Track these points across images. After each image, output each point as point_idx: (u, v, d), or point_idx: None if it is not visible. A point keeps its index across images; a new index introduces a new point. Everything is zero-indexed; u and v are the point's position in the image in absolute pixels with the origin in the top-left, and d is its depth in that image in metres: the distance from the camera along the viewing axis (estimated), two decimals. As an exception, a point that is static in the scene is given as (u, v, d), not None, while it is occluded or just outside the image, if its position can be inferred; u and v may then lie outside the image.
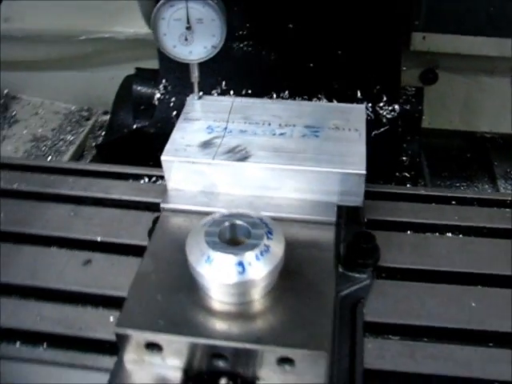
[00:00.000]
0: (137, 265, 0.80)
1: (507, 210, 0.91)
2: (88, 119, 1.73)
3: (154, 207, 0.91)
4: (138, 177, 1.00)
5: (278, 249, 0.57)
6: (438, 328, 0.74)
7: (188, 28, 0.69)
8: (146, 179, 0.99)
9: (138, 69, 1.32)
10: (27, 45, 1.57)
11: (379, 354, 0.72)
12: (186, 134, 0.73)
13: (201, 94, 0.81)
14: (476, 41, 1.19)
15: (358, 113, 0.75)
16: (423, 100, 1.18)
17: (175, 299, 0.59)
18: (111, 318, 0.75)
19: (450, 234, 0.87)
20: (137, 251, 0.83)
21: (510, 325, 0.74)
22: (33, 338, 0.75)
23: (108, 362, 0.69)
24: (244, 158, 0.68)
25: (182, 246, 0.60)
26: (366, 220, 0.88)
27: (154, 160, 1.13)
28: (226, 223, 0.59)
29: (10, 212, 0.94)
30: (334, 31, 1.02)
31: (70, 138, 1.66)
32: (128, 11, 1.42)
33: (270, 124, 0.74)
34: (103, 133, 1.75)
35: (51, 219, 0.92)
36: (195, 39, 0.70)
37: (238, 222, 0.60)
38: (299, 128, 0.73)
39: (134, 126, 1.27)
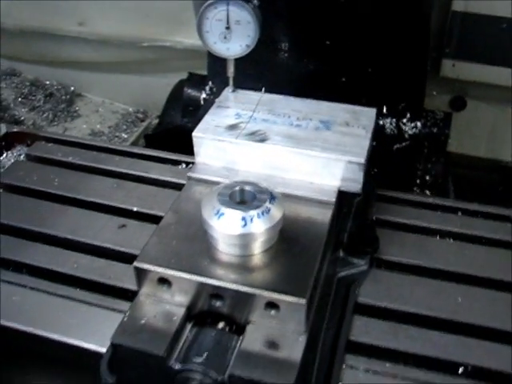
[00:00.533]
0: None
1: (509, 224, 0.97)
2: (143, 121, 1.85)
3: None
4: (176, 162, 1.11)
5: (277, 212, 0.67)
6: (423, 315, 0.81)
7: (227, 28, 0.81)
8: (184, 165, 1.10)
9: (190, 73, 1.42)
10: (96, 47, 1.72)
11: (365, 330, 0.79)
12: (217, 118, 0.84)
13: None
14: (504, 72, 1.24)
15: (368, 114, 0.85)
16: (450, 124, 1.24)
17: (188, 247, 0.70)
18: (136, 272, 0.86)
19: (449, 239, 0.94)
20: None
21: (490, 321, 0.80)
22: (69, 280, 0.86)
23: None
24: (262, 140, 0.79)
25: (200, 207, 0.71)
26: (374, 218, 0.97)
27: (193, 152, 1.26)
28: (237, 188, 0.70)
29: (63, 180, 1.07)
30: (366, 50, 1.11)
31: (124, 135, 1.78)
32: (188, 23, 1.53)
33: (289, 116, 0.84)
34: (155, 133, 1.89)
35: (96, 188, 1.04)
36: (233, 38, 0.82)
37: (247, 187, 0.70)
38: (314, 122, 0.83)
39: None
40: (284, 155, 0.77)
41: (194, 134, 0.81)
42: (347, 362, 0.75)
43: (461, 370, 0.75)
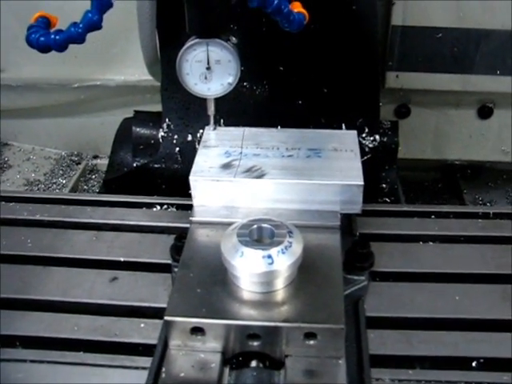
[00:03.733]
0: (159, 279, 0.91)
1: (479, 220, 1.04)
2: (79, 163, 1.81)
3: (167, 230, 1.02)
4: (150, 205, 1.10)
5: (298, 245, 0.69)
6: (428, 318, 0.86)
7: (208, 68, 0.82)
8: (158, 207, 1.10)
9: (136, 111, 1.41)
10: (22, 93, 1.65)
11: (381, 342, 0.82)
12: (208, 158, 0.85)
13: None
14: (443, 78, 1.33)
15: (351, 137, 0.89)
16: (398, 132, 1.30)
17: (212, 291, 0.70)
18: (142, 325, 0.85)
19: (431, 243, 1.00)
20: (158, 268, 0.94)
21: (490, 313, 0.86)
22: (72, 344, 0.83)
23: (144, 361, 0.78)
24: (261, 176, 0.80)
25: (213, 249, 0.71)
26: (358, 233, 1.00)
27: (159, 192, 1.25)
28: (254, 226, 0.71)
29: (37, 239, 1.03)
30: (320, 72, 1.16)
31: (62, 181, 1.73)
32: (118, 60, 1.54)
33: (278, 148, 0.86)
34: (94, 176, 1.85)
35: (75, 244, 1.01)
36: (214, 78, 0.83)
37: (264, 224, 0.71)
38: (304, 150, 0.86)
39: (134, 164, 1.37)
40: (285, 188, 0.80)
41: (190, 177, 0.81)
42: (373, 376, 0.77)
43: (474, 363, 0.80)
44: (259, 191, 0.80)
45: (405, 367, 0.79)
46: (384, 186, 1.33)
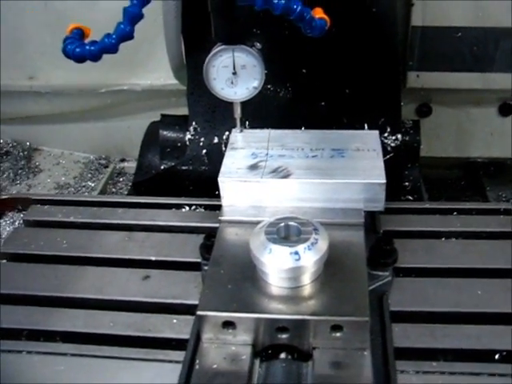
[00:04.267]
0: (190, 277, 0.95)
1: (501, 216, 1.06)
2: (106, 167, 1.86)
3: (196, 230, 1.05)
4: (179, 206, 1.14)
5: (323, 242, 0.72)
6: (451, 312, 0.88)
7: (234, 73, 0.86)
8: (187, 207, 1.13)
9: (163, 115, 1.44)
10: (51, 99, 1.70)
11: (405, 335, 0.85)
12: (235, 160, 0.88)
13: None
14: (463, 76, 1.34)
15: (373, 137, 0.92)
16: (420, 131, 1.32)
17: (242, 287, 0.73)
18: (174, 321, 0.88)
19: (453, 239, 1.02)
20: (188, 266, 0.97)
21: (510, 307, 0.88)
22: (108, 339, 0.87)
23: (178, 355, 0.81)
24: (286, 176, 0.84)
25: (241, 247, 0.75)
26: (382, 231, 1.03)
27: (187, 193, 1.29)
28: (281, 224, 0.74)
29: (71, 240, 1.07)
30: (342, 74, 1.19)
31: (91, 184, 1.78)
32: (144, 65, 1.57)
33: (303, 149, 0.90)
34: (121, 178, 1.89)
35: (108, 244, 1.05)
36: (239, 82, 0.86)
37: (291, 222, 0.75)
38: (327, 151, 0.89)
39: (162, 167, 1.41)
40: (310, 187, 0.83)
41: (219, 179, 0.85)
42: (398, 368, 0.80)
43: (497, 356, 0.82)
44: (285, 191, 0.83)
45: (428, 359, 0.81)
46: (407, 184, 1.35)
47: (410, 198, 1.33)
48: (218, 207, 0.94)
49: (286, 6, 0.71)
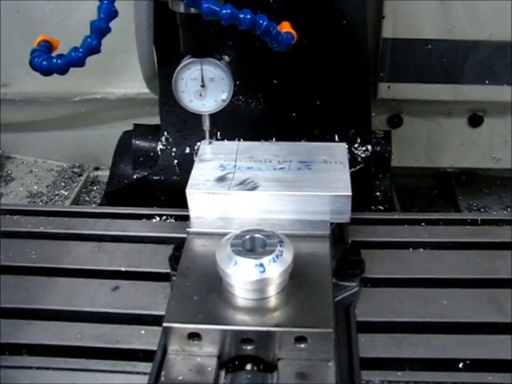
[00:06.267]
0: (159, 288, 0.95)
1: (467, 227, 1.08)
2: (80, 175, 1.84)
3: (166, 241, 1.05)
4: (149, 216, 1.14)
5: (288, 254, 0.73)
6: (418, 322, 0.89)
7: (202, 86, 0.86)
8: (158, 218, 1.13)
9: (136, 125, 1.44)
10: (23, 107, 1.68)
11: (371, 345, 0.86)
12: (204, 172, 0.89)
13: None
14: (434, 88, 1.36)
15: (340, 149, 0.93)
16: (391, 141, 1.34)
17: (208, 299, 0.74)
18: (143, 332, 0.88)
19: (421, 249, 1.03)
20: (157, 277, 0.97)
21: (476, 316, 0.89)
22: (76, 351, 0.86)
23: (145, 366, 0.81)
24: (254, 188, 0.84)
25: (208, 259, 0.75)
26: (350, 241, 1.04)
27: (159, 203, 1.29)
28: (247, 236, 0.75)
29: (41, 251, 1.06)
30: (313, 85, 1.20)
31: (64, 192, 1.76)
32: (118, 73, 1.56)
33: (270, 161, 0.90)
34: (95, 187, 1.88)
35: (78, 255, 1.05)
36: (208, 94, 0.87)
37: (257, 235, 0.75)
38: (295, 163, 0.90)
39: (135, 176, 1.40)
40: (277, 199, 0.83)
41: (187, 190, 0.85)
42: (363, 378, 0.81)
43: (461, 365, 0.83)
44: (252, 203, 0.84)
45: (394, 369, 0.82)
46: (378, 194, 1.37)
47: (381, 208, 1.34)
48: (188, 218, 0.94)
49: (252, 21, 0.71)
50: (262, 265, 0.70)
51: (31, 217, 1.15)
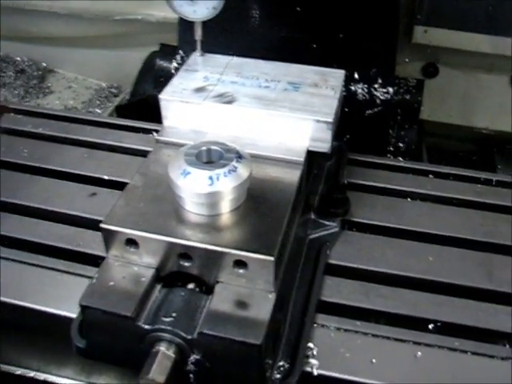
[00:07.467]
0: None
1: (478, 185, 0.98)
2: (116, 96, 1.82)
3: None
4: (147, 131, 1.10)
5: (244, 171, 0.67)
6: (394, 275, 0.82)
7: (193, -11, 0.80)
8: (155, 133, 1.10)
9: (162, 44, 1.41)
10: (67, 22, 1.68)
11: (337, 290, 0.80)
12: (185, 81, 0.83)
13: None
14: (475, 38, 1.24)
15: (337, 76, 0.85)
16: (423, 91, 1.23)
17: (155, 208, 0.69)
18: (106, 240, 0.86)
19: (419, 201, 0.95)
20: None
21: (461, 278, 0.81)
22: (40, 248, 0.86)
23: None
24: (229, 102, 0.78)
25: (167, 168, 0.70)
26: (346, 182, 0.97)
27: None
28: (204, 148, 0.70)
29: (32, 150, 1.05)
30: (337, 16, 1.11)
31: (98, 111, 1.75)
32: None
33: (258, 78, 0.83)
34: (130, 108, 1.87)
35: (66, 158, 1.03)
36: (199, 1, 0.81)
37: (214, 147, 0.70)
38: (283, 83, 0.83)
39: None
40: (252, 116, 0.77)
41: (160, 96, 0.80)
42: (318, 321, 0.76)
43: (431, 326, 0.76)
44: (227, 117, 0.78)
45: (355, 319, 0.76)
46: (401, 145, 1.28)
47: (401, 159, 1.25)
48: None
49: None
50: (211, 177, 0.65)
51: (33, 118, 1.14)
